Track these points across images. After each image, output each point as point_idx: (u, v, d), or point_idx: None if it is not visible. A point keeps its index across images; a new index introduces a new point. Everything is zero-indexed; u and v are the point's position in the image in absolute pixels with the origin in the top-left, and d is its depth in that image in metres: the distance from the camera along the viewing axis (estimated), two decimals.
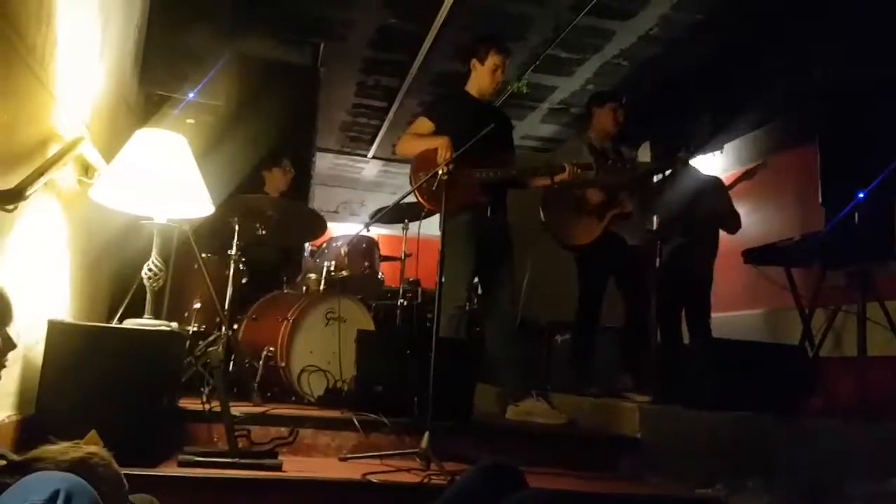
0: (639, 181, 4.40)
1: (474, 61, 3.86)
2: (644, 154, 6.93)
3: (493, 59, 3.82)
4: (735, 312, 5.38)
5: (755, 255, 4.61)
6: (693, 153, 4.86)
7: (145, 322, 2.47)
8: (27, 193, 1.94)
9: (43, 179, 2.07)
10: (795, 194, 5.39)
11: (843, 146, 4.80)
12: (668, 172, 4.93)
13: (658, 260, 4.60)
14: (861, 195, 3.98)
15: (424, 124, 3.81)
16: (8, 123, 1.98)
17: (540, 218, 4.27)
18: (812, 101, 5.08)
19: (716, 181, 4.86)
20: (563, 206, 4.23)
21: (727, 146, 6.23)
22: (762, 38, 5.29)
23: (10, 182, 1.94)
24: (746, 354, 3.68)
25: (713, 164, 6.20)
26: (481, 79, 3.85)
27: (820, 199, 4.89)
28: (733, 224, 4.71)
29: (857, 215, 3.99)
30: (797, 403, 3.62)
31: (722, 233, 4.80)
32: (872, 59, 4.52)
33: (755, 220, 4.86)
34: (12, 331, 1.68)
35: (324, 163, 9.29)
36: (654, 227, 4.75)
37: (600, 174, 3.98)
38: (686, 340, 4.68)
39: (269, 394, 3.64)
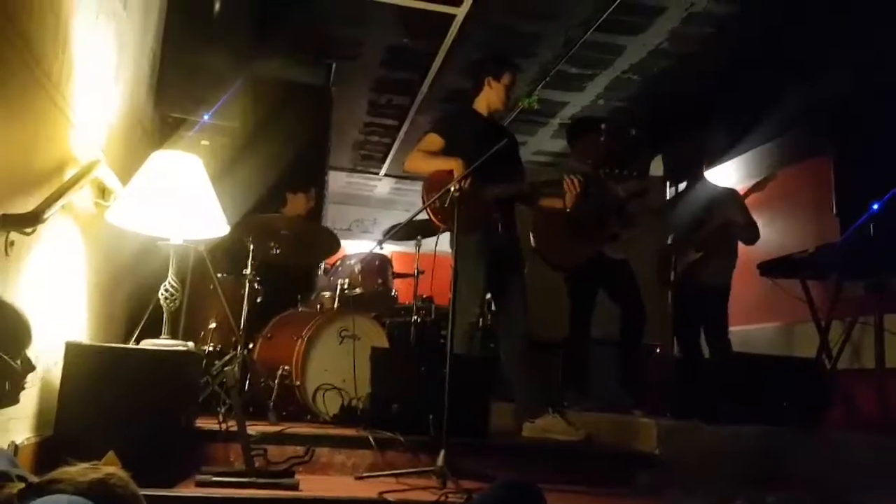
0: (623, 200, 4.41)
1: (489, 79, 3.87)
2: (656, 167, 6.92)
3: (507, 78, 3.85)
4: (751, 326, 5.35)
5: (770, 268, 4.59)
6: (705, 167, 4.78)
7: (162, 342, 2.48)
8: (45, 216, 1.97)
9: (60, 202, 2.10)
10: (810, 206, 5.37)
11: (857, 157, 4.79)
12: (681, 186, 4.90)
13: (673, 274, 4.60)
14: (875, 206, 3.96)
15: (434, 140, 3.80)
16: (26, 147, 2.01)
17: (530, 242, 4.30)
18: (825, 113, 5.07)
19: (731, 193, 4.74)
20: (553, 227, 4.25)
21: (740, 158, 6.21)
22: (773, 49, 5.29)
23: (28, 205, 1.97)
24: (763, 368, 3.66)
25: (728, 175, 6.18)
26: (495, 96, 3.86)
27: (834, 211, 4.87)
28: (749, 235, 4.55)
29: (872, 226, 3.97)
30: (815, 417, 3.59)
31: (740, 245, 4.70)
32: (886, 70, 4.51)
33: (770, 233, 4.83)
34: (31, 353, 1.70)
35: (336, 181, 9.34)
36: (669, 241, 4.75)
37: (606, 180, 3.97)
38: (706, 355, 4.64)
39: (284, 413, 3.64)
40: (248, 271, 3.74)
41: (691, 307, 4.61)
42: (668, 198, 4.91)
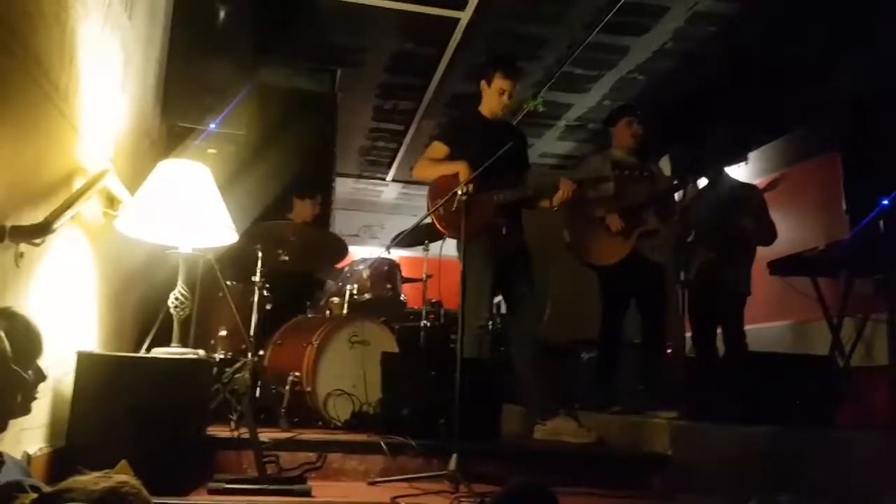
0: (660, 195, 4.34)
1: (483, 83, 3.89)
2: (663, 168, 6.89)
3: (498, 83, 3.83)
4: (763, 324, 5.32)
5: (781, 266, 4.56)
6: (714, 168, 4.73)
7: (173, 351, 2.49)
8: (54, 227, 1.97)
9: (69, 213, 2.11)
10: (819, 203, 5.34)
11: (865, 153, 4.76)
12: (700, 183, 4.82)
13: (685, 274, 4.56)
14: (885, 202, 3.93)
15: (439, 148, 3.83)
16: (34, 159, 2.02)
17: (564, 238, 4.25)
18: (833, 109, 5.04)
19: (752, 190, 4.67)
20: (589, 226, 4.20)
21: (749, 156, 6.18)
22: (779, 47, 5.27)
23: (37, 216, 1.98)
24: (776, 367, 3.63)
25: (736, 174, 6.14)
26: (489, 100, 3.88)
27: (844, 207, 4.84)
28: (764, 238, 4.51)
29: (882, 222, 3.94)
30: (829, 415, 3.57)
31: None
32: (893, 64, 4.48)
33: (779, 231, 4.80)
34: (42, 363, 1.70)
35: (343, 187, 9.36)
36: (690, 239, 4.68)
37: (618, 182, 3.96)
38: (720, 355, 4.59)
39: (296, 419, 3.64)
40: (257, 278, 3.74)
41: (708, 308, 4.56)
42: (687, 194, 4.82)
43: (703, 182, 4.87)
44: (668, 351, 5.33)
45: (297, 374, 3.73)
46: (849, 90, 4.88)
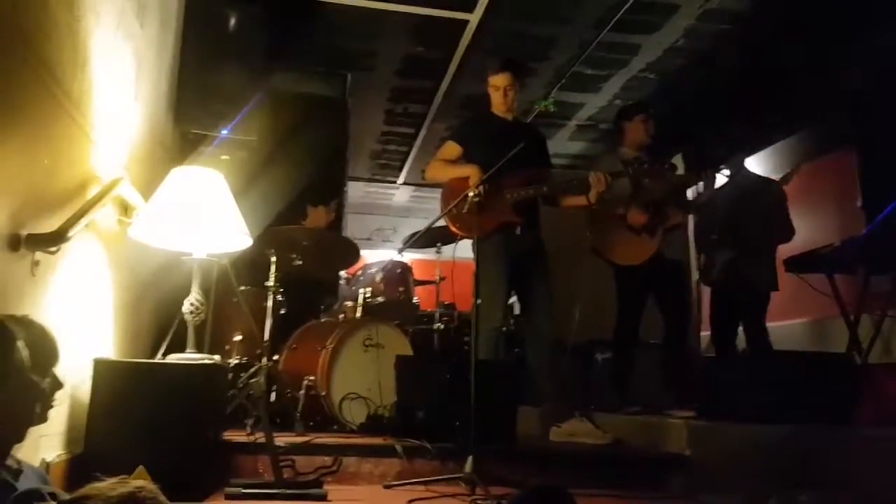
0: (676, 188, 4.27)
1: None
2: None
3: (491, 80, 3.85)
4: (779, 322, 5.27)
5: (796, 264, 4.52)
6: (725, 166, 4.69)
7: (188, 356, 2.50)
8: (69, 235, 1.99)
9: (84, 221, 2.12)
10: (834, 199, 5.29)
11: (881, 148, 4.72)
12: (719, 179, 4.76)
13: (713, 271, 4.51)
14: None
15: (452, 148, 3.84)
16: (48, 167, 2.03)
17: (587, 240, 4.19)
18: (848, 103, 5.00)
19: (770, 185, 4.60)
20: (611, 225, 4.11)
21: (762, 154, 6.14)
22: (791, 41, 5.23)
23: (52, 224, 1.99)
24: (793, 365, 3.60)
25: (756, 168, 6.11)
26: (493, 99, 3.89)
27: (860, 203, 4.79)
28: (782, 236, 4.48)
29: None
30: (847, 412, 3.53)
31: None
32: None
33: (794, 227, 4.76)
34: (58, 371, 1.71)
35: (355, 191, 9.37)
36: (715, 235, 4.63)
37: (636, 175, 3.89)
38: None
39: (311, 423, 3.64)
40: (270, 283, 3.75)
41: (728, 305, 4.53)
42: (704, 190, 4.75)
43: (721, 178, 4.80)
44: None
45: (311, 378, 3.74)
46: (863, 84, 4.83)
